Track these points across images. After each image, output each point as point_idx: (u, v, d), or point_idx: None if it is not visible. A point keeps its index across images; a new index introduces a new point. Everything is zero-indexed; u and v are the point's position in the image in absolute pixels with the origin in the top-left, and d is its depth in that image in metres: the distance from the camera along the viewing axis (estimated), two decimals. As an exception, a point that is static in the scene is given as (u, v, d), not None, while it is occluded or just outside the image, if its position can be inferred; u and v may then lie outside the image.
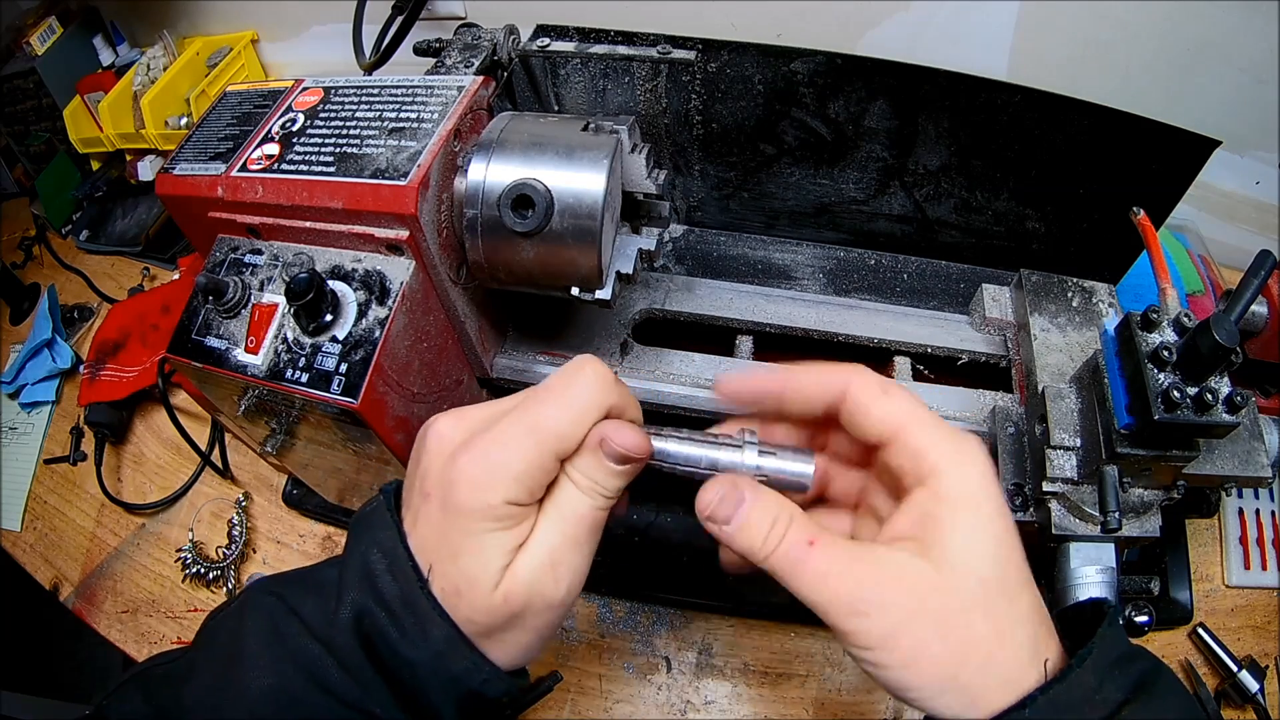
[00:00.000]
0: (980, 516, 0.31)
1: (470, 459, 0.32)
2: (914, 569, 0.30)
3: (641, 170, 0.51)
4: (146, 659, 0.36)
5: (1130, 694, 0.29)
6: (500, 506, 0.31)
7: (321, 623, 0.32)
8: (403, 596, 0.31)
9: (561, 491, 0.33)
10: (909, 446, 0.32)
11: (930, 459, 0.31)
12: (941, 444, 0.32)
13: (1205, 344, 0.40)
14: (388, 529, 0.33)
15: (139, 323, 0.89)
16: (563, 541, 0.32)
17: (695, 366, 0.60)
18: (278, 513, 0.77)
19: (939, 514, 0.31)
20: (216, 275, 0.50)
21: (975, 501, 0.31)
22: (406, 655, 0.31)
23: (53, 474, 0.85)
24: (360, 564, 0.32)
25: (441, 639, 0.31)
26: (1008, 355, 0.60)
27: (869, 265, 0.72)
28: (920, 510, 0.31)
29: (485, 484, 0.31)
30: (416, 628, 0.31)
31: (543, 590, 0.32)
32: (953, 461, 0.31)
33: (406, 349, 0.49)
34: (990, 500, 0.31)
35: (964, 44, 0.75)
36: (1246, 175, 0.78)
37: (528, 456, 0.31)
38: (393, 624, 0.31)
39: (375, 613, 0.31)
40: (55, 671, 1.25)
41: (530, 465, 0.31)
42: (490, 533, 0.31)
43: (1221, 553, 0.67)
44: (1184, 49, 0.69)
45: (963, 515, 0.31)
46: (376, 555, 0.32)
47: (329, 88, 0.55)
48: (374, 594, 0.31)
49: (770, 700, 0.62)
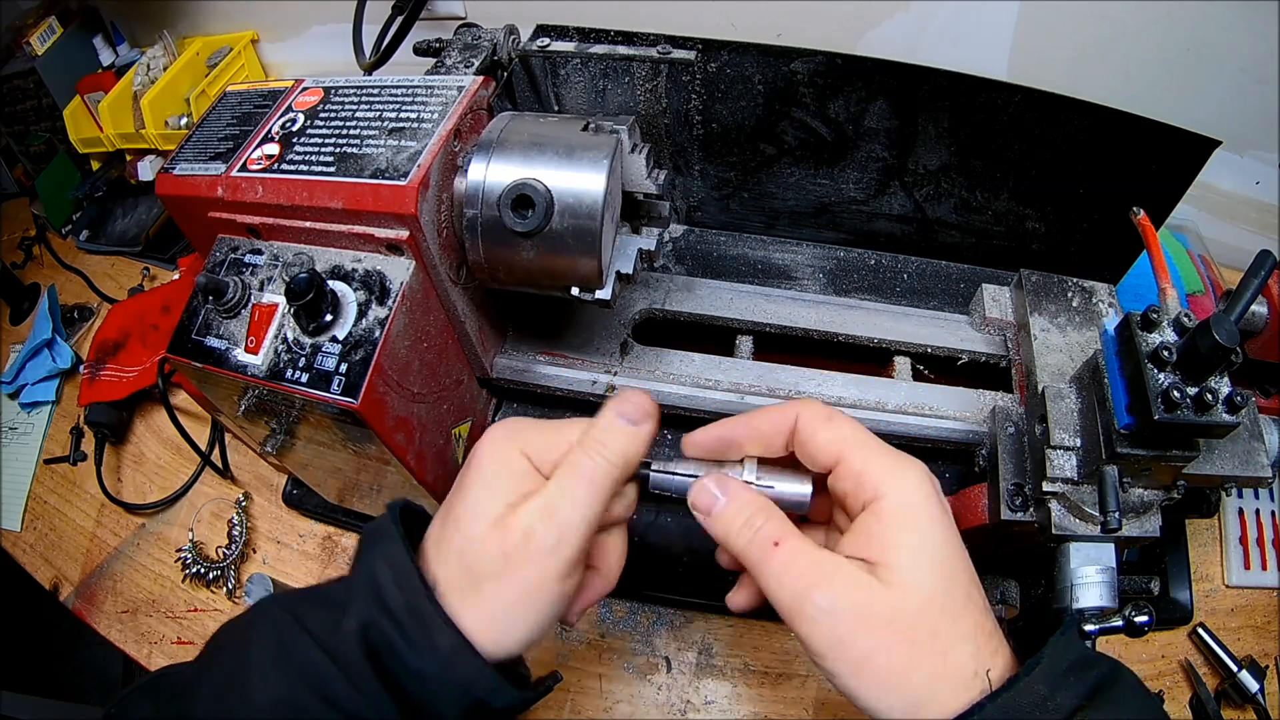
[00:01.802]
0: (922, 536, 0.32)
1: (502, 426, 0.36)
2: (864, 583, 0.32)
3: (641, 170, 0.51)
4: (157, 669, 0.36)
5: (1086, 699, 0.30)
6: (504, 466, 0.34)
7: (327, 635, 0.32)
8: (409, 606, 0.31)
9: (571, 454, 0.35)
10: (851, 469, 0.34)
11: (870, 480, 0.33)
12: (878, 467, 0.34)
13: (1205, 344, 0.40)
14: (394, 541, 0.33)
15: (139, 323, 0.89)
16: (561, 493, 0.34)
17: (695, 366, 0.60)
18: (278, 513, 0.77)
19: (882, 534, 0.32)
20: (216, 275, 0.50)
21: (916, 521, 0.33)
22: (414, 665, 0.31)
23: (53, 474, 0.85)
24: (366, 577, 0.33)
25: (449, 648, 0.31)
26: (1008, 355, 0.60)
27: (869, 265, 0.72)
28: (866, 532, 0.33)
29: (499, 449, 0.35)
30: (424, 637, 0.31)
31: (535, 533, 0.33)
32: (891, 483, 0.33)
33: (406, 349, 0.49)
34: (931, 518, 0.33)
35: (964, 44, 0.75)
36: (1246, 175, 0.78)
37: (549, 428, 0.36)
38: (399, 634, 0.31)
39: (381, 623, 0.31)
40: (55, 671, 1.25)
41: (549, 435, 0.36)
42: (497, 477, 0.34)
43: (1221, 553, 0.67)
44: (1184, 49, 0.69)
45: (905, 535, 0.32)
46: (383, 567, 0.33)
47: (329, 88, 0.55)
48: (380, 605, 0.31)
49: (770, 700, 0.62)
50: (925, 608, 0.31)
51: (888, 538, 0.32)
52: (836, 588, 0.31)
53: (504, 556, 0.32)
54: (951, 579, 0.32)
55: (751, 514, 0.35)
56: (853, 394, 0.58)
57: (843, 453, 0.34)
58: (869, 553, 0.32)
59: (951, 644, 0.31)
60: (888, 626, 0.30)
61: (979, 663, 0.31)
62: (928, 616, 0.31)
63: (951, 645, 0.31)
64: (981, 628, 0.32)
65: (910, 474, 0.34)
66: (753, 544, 0.34)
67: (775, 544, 0.33)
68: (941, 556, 0.32)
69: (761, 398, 0.57)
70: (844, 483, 0.34)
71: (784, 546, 0.33)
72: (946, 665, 0.30)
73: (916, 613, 0.31)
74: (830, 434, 0.35)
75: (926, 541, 0.32)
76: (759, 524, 0.34)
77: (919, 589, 0.31)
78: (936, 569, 0.32)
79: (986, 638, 0.32)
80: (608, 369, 0.59)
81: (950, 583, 0.32)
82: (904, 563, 0.31)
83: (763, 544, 0.33)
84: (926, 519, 0.33)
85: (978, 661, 0.31)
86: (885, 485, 0.33)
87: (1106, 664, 0.32)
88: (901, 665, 0.30)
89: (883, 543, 0.32)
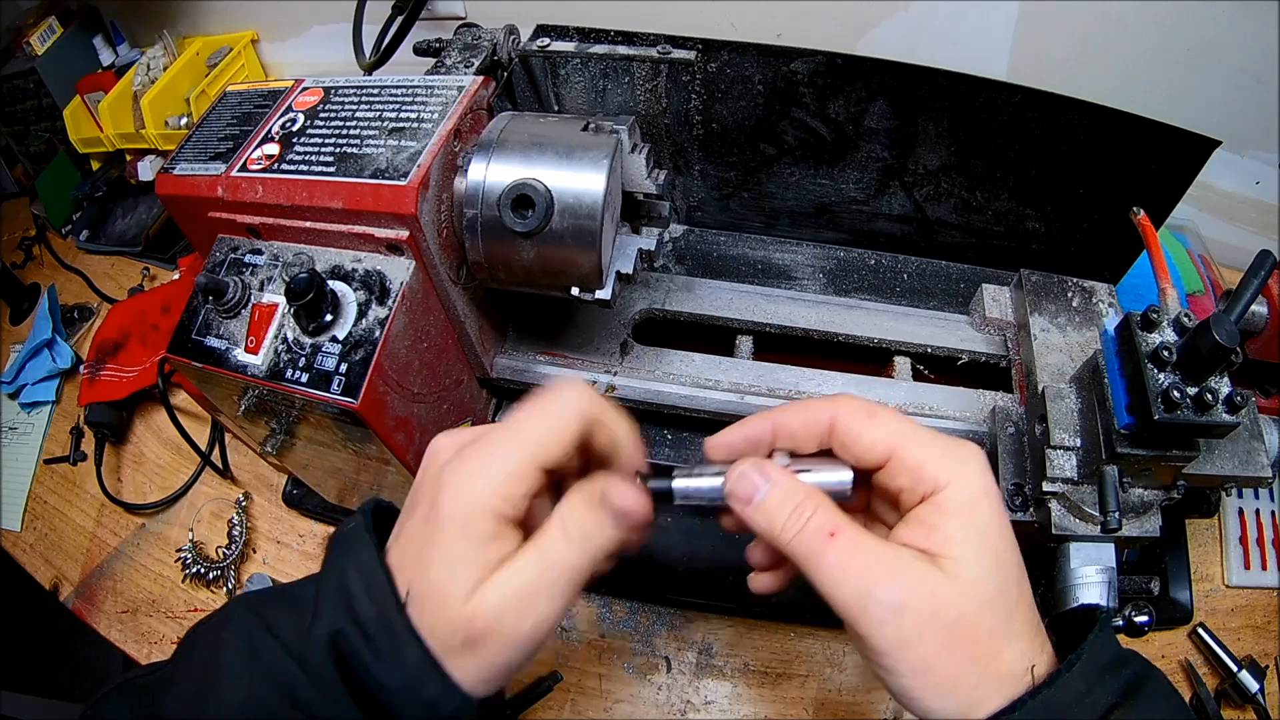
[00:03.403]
0: (983, 531, 0.31)
1: (453, 466, 0.32)
2: (933, 579, 0.30)
3: (641, 170, 0.51)
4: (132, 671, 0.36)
5: (1120, 697, 0.30)
6: (479, 513, 0.31)
7: (296, 640, 0.31)
8: (379, 618, 0.30)
9: (547, 533, 0.33)
10: (906, 465, 0.32)
11: (929, 474, 0.32)
12: (939, 458, 0.32)
13: (1205, 344, 0.40)
14: (367, 549, 0.32)
15: (139, 323, 0.89)
16: (537, 582, 0.31)
17: (695, 366, 0.60)
18: (278, 513, 0.77)
19: (944, 527, 0.31)
20: (216, 275, 0.50)
21: (977, 515, 0.31)
22: (380, 679, 0.30)
23: (53, 474, 0.85)
24: (337, 583, 0.32)
25: (415, 663, 0.30)
26: (1008, 355, 0.60)
27: (869, 265, 0.72)
28: (924, 524, 0.31)
29: (466, 489, 0.31)
30: (391, 651, 0.30)
31: (505, 622, 0.31)
32: (952, 474, 0.31)
33: (406, 349, 0.49)
34: (992, 512, 0.32)
35: (964, 44, 0.75)
36: (1246, 175, 0.78)
37: (508, 461, 0.32)
38: (367, 646, 0.30)
39: (350, 634, 0.30)
40: (55, 671, 1.25)
41: (510, 471, 0.32)
42: (466, 544, 0.31)
43: (1221, 553, 0.67)
44: (1184, 49, 0.69)
45: (967, 529, 0.31)
46: (354, 575, 0.32)
47: (329, 88, 0.55)
48: (349, 615, 0.31)
49: (770, 700, 0.62)
50: (986, 606, 0.30)
51: (951, 530, 0.31)
52: (903, 583, 0.30)
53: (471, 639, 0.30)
54: (1008, 574, 0.31)
55: (800, 501, 0.32)
56: (852, 394, 0.58)
57: (894, 449, 0.32)
58: (929, 544, 0.31)
59: (1006, 642, 0.30)
60: (953, 626, 0.29)
61: (1027, 660, 0.30)
62: (988, 615, 0.30)
63: (1006, 644, 0.30)
64: (1030, 623, 0.31)
65: (972, 464, 0.32)
66: (804, 534, 0.31)
67: (831, 534, 0.31)
68: (1001, 551, 0.31)
69: (761, 398, 0.57)
70: (899, 479, 0.32)
71: (841, 537, 0.31)
72: (1000, 664, 0.30)
73: (978, 611, 0.30)
74: (877, 431, 0.33)
75: (988, 536, 0.31)
76: (808, 512, 0.31)
77: (981, 586, 0.30)
78: (997, 564, 0.31)
79: (1034, 633, 0.31)
80: (608, 369, 0.59)
81: (1006, 578, 0.31)
82: (967, 557, 0.30)
83: (816, 535, 0.31)
84: (988, 512, 0.31)
85: (1027, 659, 0.30)
86: (946, 476, 0.31)
87: (1140, 663, 0.32)
88: (962, 667, 0.29)
89: (946, 535, 0.31)
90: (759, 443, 0.35)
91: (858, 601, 0.30)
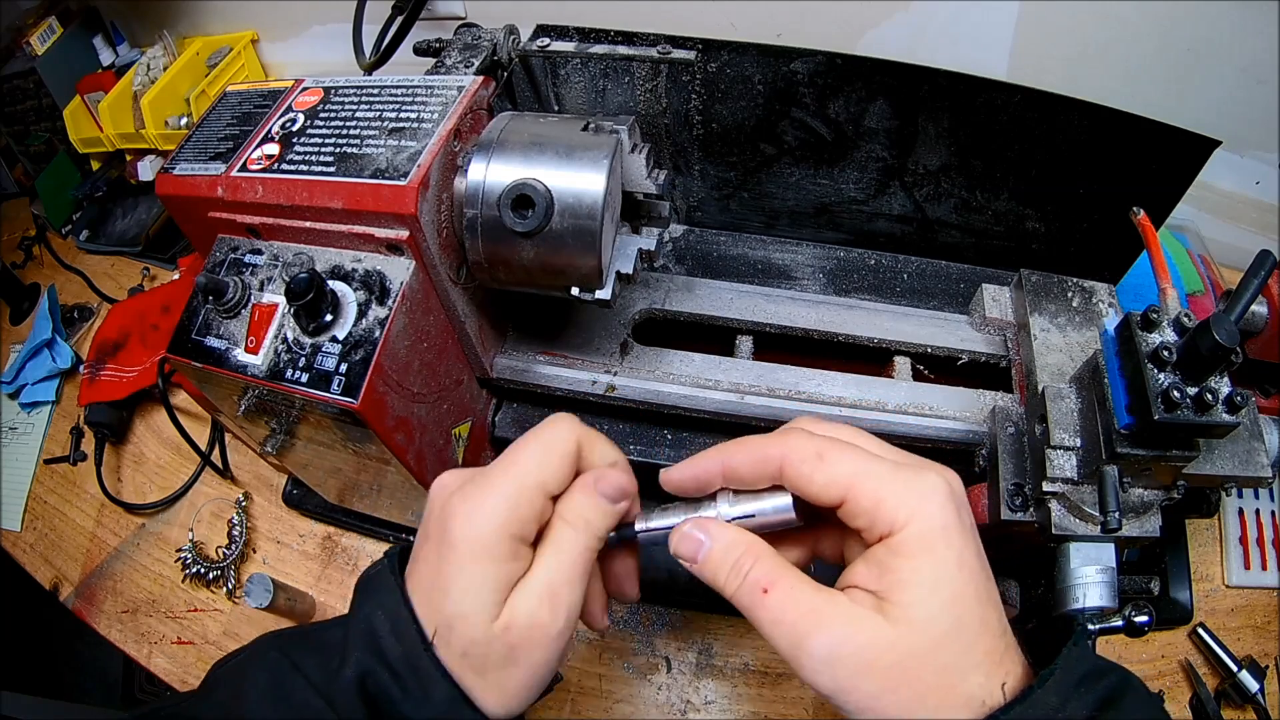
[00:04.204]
0: (938, 569, 0.31)
1: (462, 494, 0.34)
2: (869, 626, 0.30)
3: (641, 170, 0.51)
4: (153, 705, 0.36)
5: (1096, 710, 0.30)
6: (491, 537, 0.32)
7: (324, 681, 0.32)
8: (406, 657, 0.31)
9: (556, 531, 0.34)
10: (861, 506, 0.32)
11: (885, 515, 0.31)
12: (898, 495, 0.31)
13: (1205, 344, 0.40)
14: (391, 591, 0.33)
15: (139, 323, 0.89)
16: (559, 575, 0.33)
17: (695, 366, 0.60)
18: (278, 513, 0.77)
19: (897, 570, 0.31)
20: (216, 275, 0.50)
21: (933, 554, 0.31)
22: (409, 716, 0.31)
23: (53, 474, 0.85)
24: (365, 625, 0.33)
25: (444, 700, 0.31)
26: (1008, 355, 0.60)
27: (869, 265, 0.72)
28: (879, 564, 0.31)
29: (477, 514, 0.33)
30: (419, 688, 0.31)
31: (540, 621, 0.32)
32: (911, 513, 0.31)
33: (406, 349, 0.49)
34: (949, 549, 0.31)
35: (964, 44, 0.75)
36: (1246, 175, 0.78)
37: (515, 486, 0.34)
38: (396, 684, 0.31)
39: (379, 673, 0.31)
40: (55, 671, 1.25)
41: (517, 494, 0.33)
42: (482, 566, 0.32)
43: (1221, 553, 0.67)
44: (1184, 49, 0.69)
45: (921, 570, 0.30)
46: (380, 617, 0.33)
47: (329, 88, 0.55)
48: (378, 655, 0.32)
49: (770, 700, 0.62)
50: (936, 645, 0.30)
51: (904, 573, 0.30)
52: (835, 633, 0.30)
53: (510, 649, 0.32)
54: (967, 608, 0.31)
55: (739, 557, 0.33)
56: (853, 394, 0.58)
57: (848, 490, 0.32)
58: (880, 585, 0.31)
59: (962, 676, 0.30)
60: (892, 668, 0.29)
61: (989, 687, 0.30)
62: (938, 654, 0.30)
63: (962, 677, 0.30)
64: (995, 650, 0.31)
65: (931, 499, 0.31)
66: (743, 588, 0.33)
67: (764, 591, 0.32)
68: (958, 586, 0.31)
69: (761, 398, 0.57)
70: (856, 519, 0.32)
71: (774, 591, 0.32)
72: (955, 696, 0.30)
73: (926, 651, 0.30)
74: (827, 474, 0.32)
75: (942, 575, 0.30)
76: (746, 567, 0.33)
77: (930, 627, 0.30)
78: (952, 602, 0.30)
79: (998, 661, 0.31)
80: (608, 369, 0.59)
81: (965, 613, 0.30)
82: (917, 599, 0.30)
83: (753, 590, 0.32)
84: (943, 550, 0.31)
85: (987, 688, 0.30)
86: (905, 515, 0.31)
87: (1117, 674, 0.32)
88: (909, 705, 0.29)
89: (898, 578, 0.30)
90: (708, 482, 0.36)
91: (793, 653, 0.31)
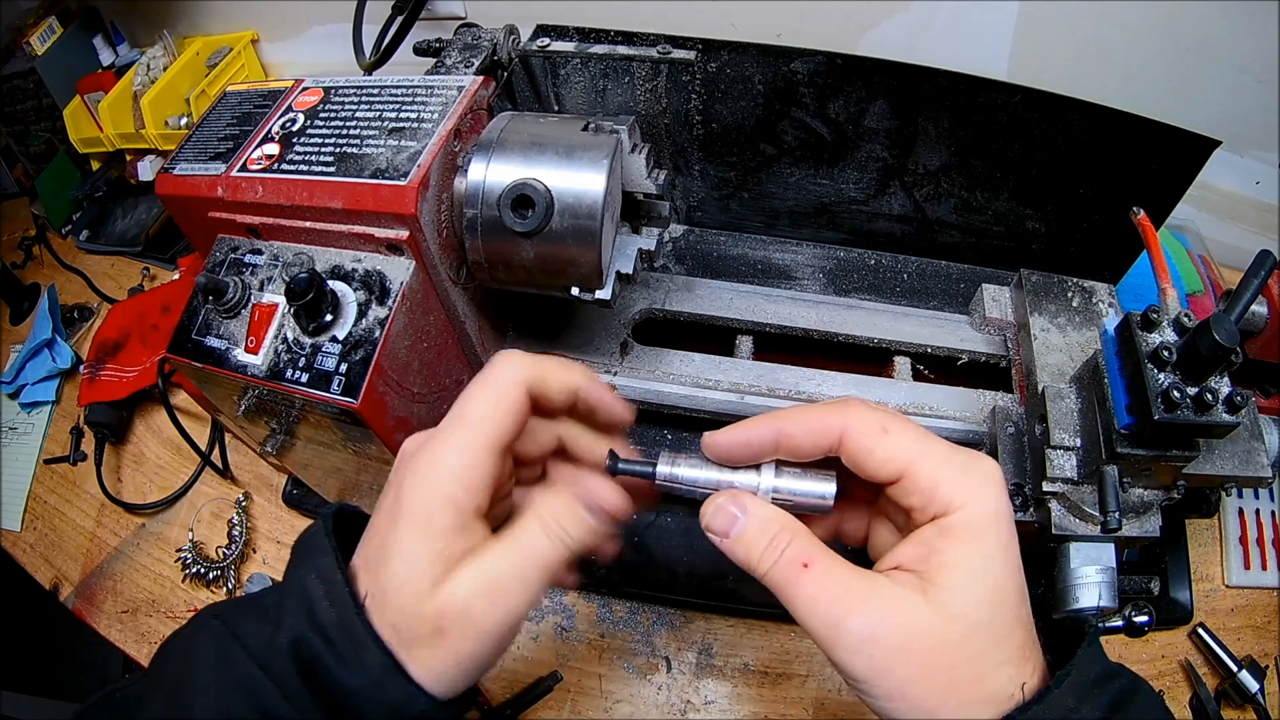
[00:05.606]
0: (985, 558, 0.30)
1: (414, 461, 0.32)
2: (909, 607, 0.30)
3: (641, 170, 0.51)
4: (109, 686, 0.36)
5: (1108, 711, 0.30)
6: (437, 507, 0.31)
7: (261, 648, 0.31)
8: (340, 623, 0.31)
9: (524, 524, 0.33)
10: (919, 485, 0.31)
11: (942, 496, 0.31)
12: (954, 478, 0.31)
13: (1205, 344, 0.40)
14: (326, 555, 0.32)
15: (139, 323, 0.89)
16: (510, 572, 0.31)
17: (695, 366, 0.60)
18: (278, 513, 0.77)
19: (945, 552, 0.30)
20: (216, 275, 0.50)
21: (983, 541, 0.30)
22: (343, 682, 0.30)
23: (53, 474, 0.85)
24: (298, 590, 0.32)
25: (378, 667, 0.30)
26: (1008, 355, 0.60)
27: (869, 265, 0.72)
28: (926, 544, 0.31)
29: (422, 483, 0.31)
30: (354, 655, 0.30)
31: (475, 612, 0.31)
32: (966, 497, 0.31)
33: (406, 349, 0.49)
34: (999, 539, 0.31)
35: (964, 44, 0.75)
36: (1246, 175, 0.78)
37: (460, 451, 0.32)
38: (330, 651, 0.30)
39: (312, 640, 0.30)
40: (55, 671, 1.25)
41: (464, 460, 0.31)
42: (427, 538, 0.31)
43: (1221, 553, 0.67)
44: (1184, 49, 0.69)
45: (968, 557, 0.30)
46: (314, 581, 0.32)
47: (329, 88, 0.55)
48: (311, 621, 0.31)
49: (770, 700, 0.62)
50: (973, 633, 0.29)
51: (950, 556, 0.30)
52: (874, 612, 0.30)
53: (438, 631, 0.30)
54: (1005, 600, 0.30)
55: (776, 533, 0.32)
56: (853, 394, 0.58)
57: (908, 467, 0.31)
58: (924, 566, 0.30)
59: (993, 668, 0.30)
60: (929, 653, 0.29)
61: (1016, 683, 0.30)
62: (974, 642, 0.29)
63: (993, 669, 0.30)
64: (1024, 646, 0.31)
65: (987, 485, 0.31)
66: (779, 566, 0.31)
67: (804, 565, 0.31)
68: (1001, 578, 0.30)
69: (761, 398, 0.57)
70: (910, 498, 0.31)
71: (814, 568, 0.31)
72: (984, 689, 0.29)
73: (961, 639, 0.29)
74: (890, 449, 0.32)
75: (989, 564, 0.30)
76: (783, 544, 0.32)
77: (970, 614, 0.29)
78: (993, 592, 0.30)
79: (1026, 657, 0.30)
80: (608, 369, 0.59)
81: (1002, 604, 0.30)
82: (959, 585, 0.30)
83: (790, 566, 0.31)
84: (994, 538, 0.30)
85: (1015, 682, 0.30)
86: (961, 499, 0.30)
87: (1127, 676, 0.32)
88: (941, 693, 0.29)
89: (944, 560, 0.30)
90: (760, 451, 0.34)
91: (829, 633, 0.30)
